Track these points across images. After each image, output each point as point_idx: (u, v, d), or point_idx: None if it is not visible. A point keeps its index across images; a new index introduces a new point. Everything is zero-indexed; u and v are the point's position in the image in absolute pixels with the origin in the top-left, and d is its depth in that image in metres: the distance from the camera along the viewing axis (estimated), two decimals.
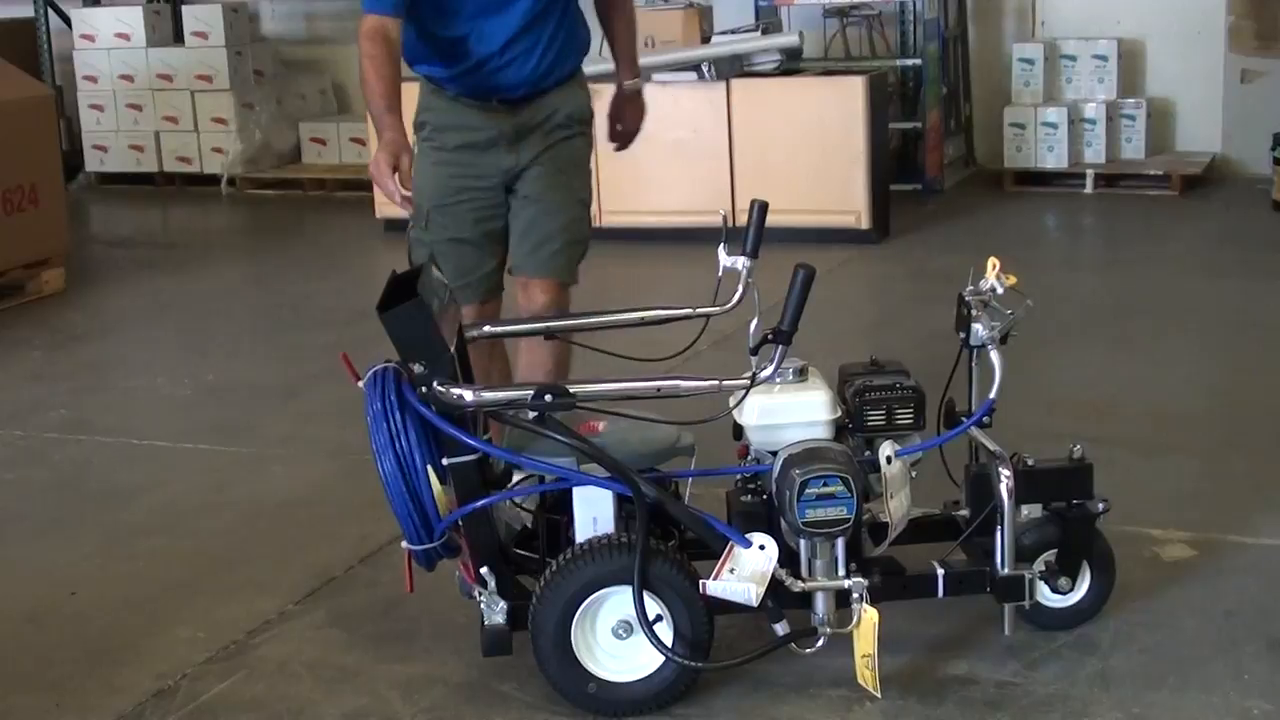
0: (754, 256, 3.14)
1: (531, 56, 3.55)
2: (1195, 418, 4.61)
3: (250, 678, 3.16)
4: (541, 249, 3.60)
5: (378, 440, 2.87)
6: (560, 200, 3.64)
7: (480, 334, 3.33)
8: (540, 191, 3.62)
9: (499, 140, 3.59)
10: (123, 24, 9.60)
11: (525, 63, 3.55)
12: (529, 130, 3.61)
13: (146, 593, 3.61)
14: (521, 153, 3.61)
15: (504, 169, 3.61)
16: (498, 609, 2.90)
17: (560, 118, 3.65)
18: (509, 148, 3.60)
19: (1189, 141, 8.58)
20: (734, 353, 3.35)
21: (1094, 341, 5.51)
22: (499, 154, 3.59)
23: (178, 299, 6.89)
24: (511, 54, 3.53)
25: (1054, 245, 7.69)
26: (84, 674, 3.22)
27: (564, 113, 3.66)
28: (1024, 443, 3.14)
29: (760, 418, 2.95)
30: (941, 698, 2.92)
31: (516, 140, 3.60)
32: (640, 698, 2.90)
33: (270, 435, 4.72)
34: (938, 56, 8.28)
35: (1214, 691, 2.90)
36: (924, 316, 5.39)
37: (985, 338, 2.98)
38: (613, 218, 7.45)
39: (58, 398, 5.30)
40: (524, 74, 3.56)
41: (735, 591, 2.80)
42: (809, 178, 7.09)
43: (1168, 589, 3.34)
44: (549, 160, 3.64)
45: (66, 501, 4.30)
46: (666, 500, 2.90)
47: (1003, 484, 2.95)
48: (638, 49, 3.93)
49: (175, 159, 9.67)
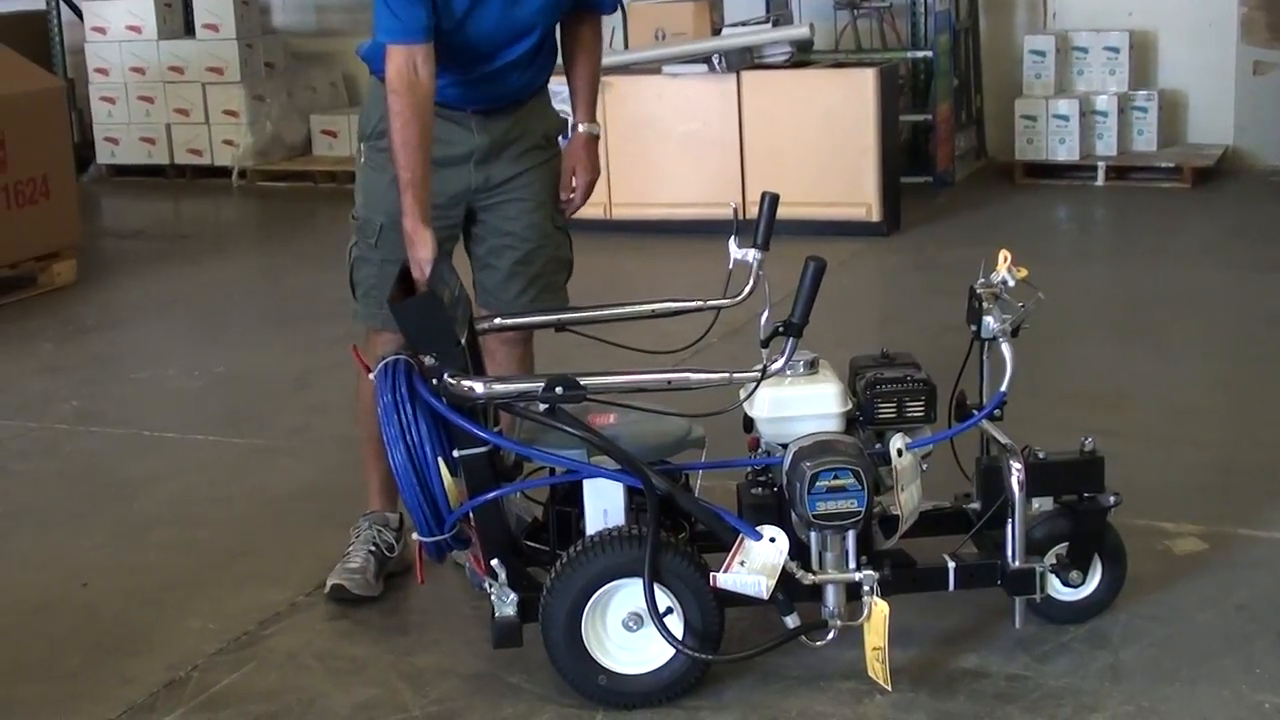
0: (765, 249, 3.14)
1: (525, 71, 3.31)
2: (1207, 410, 4.60)
3: (261, 669, 3.17)
4: (531, 292, 3.41)
5: (388, 432, 2.87)
6: (550, 239, 3.43)
7: (492, 326, 3.33)
8: (525, 230, 3.41)
9: (470, 157, 3.32)
10: (134, 16, 9.59)
11: (518, 77, 3.31)
12: (503, 146, 3.34)
13: (157, 584, 3.62)
14: (492, 171, 3.35)
15: (470, 187, 3.34)
16: (508, 601, 2.90)
17: (538, 137, 3.41)
18: (479, 166, 3.33)
19: (1201, 134, 8.55)
20: (745, 345, 3.35)
21: (1105, 334, 5.50)
22: (467, 172, 3.32)
23: (188, 291, 6.89)
24: (507, 69, 3.28)
25: (1065, 238, 7.67)
26: (95, 664, 3.23)
27: (540, 132, 3.41)
28: (1035, 435, 3.13)
29: (771, 410, 2.94)
30: (952, 691, 2.92)
31: (488, 157, 3.34)
32: (650, 690, 2.90)
33: (281, 427, 4.72)
34: (948, 48, 8.26)
35: (1225, 685, 2.90)
36: (935, 309, 5.38)
37: (996, 330, 2.97)
38: (623, 210, 7.46)
39: (69, 389, 5.31)
40: (511, 86, 3.32)
41: (745, 584, 2.80)
42: (819, 170, 7.08)
43: (1179, 582, 3.34)
44: (529, 192, 3.39)
45: (77, 493, 4.31)
46: (677, 492, 2.90)
47: (1014, 477, 2.95)
48: (596, 97, 3.51)
49: (186, 151, 9.67)
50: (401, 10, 3.07)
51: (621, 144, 7.40)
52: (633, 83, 7.42)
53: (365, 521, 3.52)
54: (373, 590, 3.42)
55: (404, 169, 3.07)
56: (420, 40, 3.07)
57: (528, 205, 3.40)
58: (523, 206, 3.40)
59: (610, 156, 7.44)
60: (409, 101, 3.06)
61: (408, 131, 3.06)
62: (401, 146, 3.07)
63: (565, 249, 3.53)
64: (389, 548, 3.48)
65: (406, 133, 3.06)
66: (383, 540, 3.48)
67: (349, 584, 3.39)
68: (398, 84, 3.07)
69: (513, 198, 3.39)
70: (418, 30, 3.07)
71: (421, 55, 3.07)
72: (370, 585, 3.42)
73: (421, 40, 3.07)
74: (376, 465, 3.51)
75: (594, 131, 3.49)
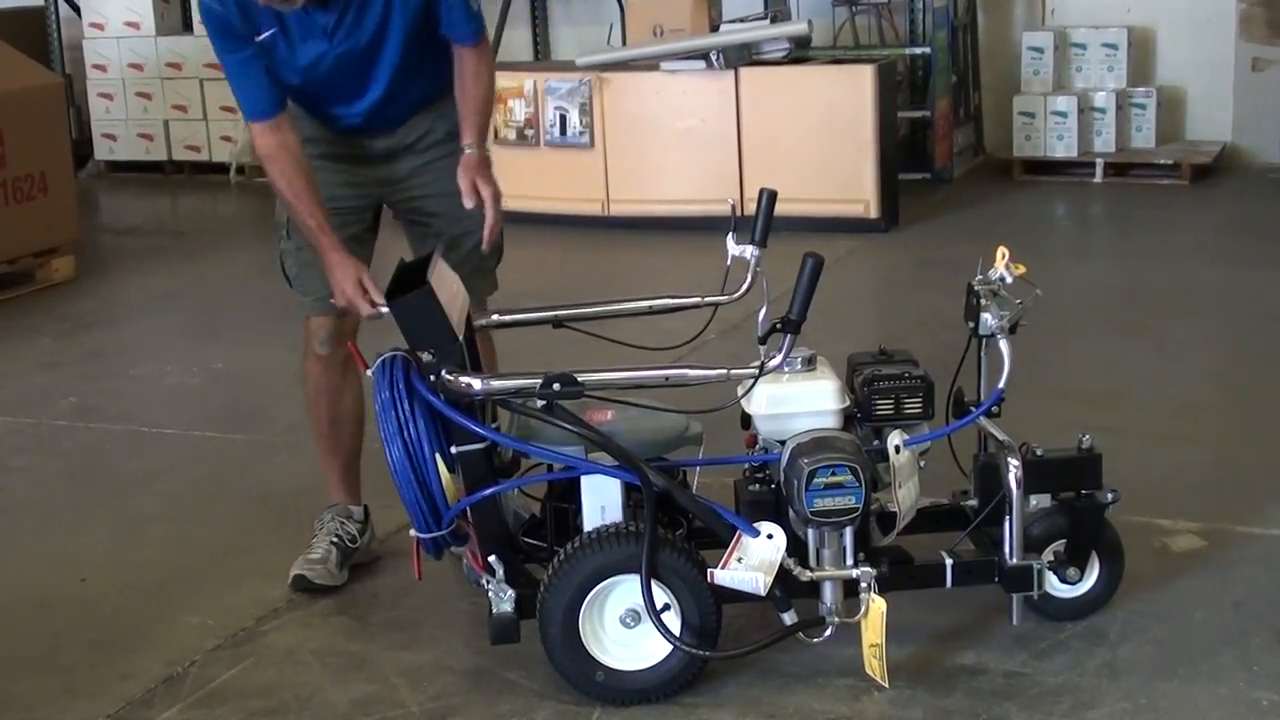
0: (762, 245, 3.14)
1: (403, 97, 3.35)
2: (1205, 408, 4.60)
3: (259, 665, 3.17)
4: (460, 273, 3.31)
5: (386, 428, 2.87)
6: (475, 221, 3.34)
7: (488, 322, 3.34)
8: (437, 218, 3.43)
9: (372, 159, 3.42)
10: (132, 12, 9.59)
11: (396, 107, 3.36)
12: (405, 148, 3.42)
13: (156, 579, 3.62)
14: (397, 166, 3.43)
15: (377, 179, 3.43)
16: (505, 597, 2.90)
17: (440, 134, 3.43)
18: (383, 162, 3.43)
19: (1199, 130, 8.55)
20: (742, 342, 3.35)
21: (1103, 331, 5.50)
22: (372, 167, 3.42)
23: (187, 287, 6.89)
24: (383, 103, 3.33)
25: (1063, 234, 7.67)
26: (94, 660, 3.23)
27: (443, 130, 3.42)
28: (1032, 432, 3.13)
29: (768, 407, 2.94)
30: (950, 688, 2.92)
31: (390, 158, 3.43)
32: (648, 686, 2.90)
33: (279, 423, 4.72)
34: (947, 45, 8.26)
35: (1223, 682, 2.90)
36: (932, 306, 5.39)
37: (994, 327, 2.97)
38: (621, 206, 7.46)
39: (67, 385, 5.31)
40: (394, 113, 3.37)
41: (743, 580, 2.80)
42: (817, 166, 7.08)
43: (1177, 580, 3.34)
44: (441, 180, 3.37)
45: (76, 489, 4.31)
46: (674, 489, 2.90)
47: (1011, 474, 2.95)
48: (487, 121, 3.39)
49: (184, 147, 9.67)
50: (245, 96, 3.24)
51: (619, 140, 7.41)
52: (631, 79, 7.42)
53: (329, 514, 3.58)
54: (335, 580, 3.47)
55: (305, 219, 3.23)
56: (272, 114, 3.23)
57: (441, 192, 3.40)
58: (437, 194, 3.42)
59: (608, 153, 7.45)
60: (284, 163, 3.22)
61: (294, 186, 3.22)
62: (294, 199, 3.23)
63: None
64: (351, 539, 3.54)
65: (294, 187, 3.22)
66: (345, 532, 3.54)
67: (310, 574, 3.45)
68: (268, 152, 3.24)
69: (429, 193, 3.44)
70: (266, 106, 3.23)
71: (279, 123, 3.23)
72: (332, 575, 3.47)
73: (273, 113, 3.23)
74: (333, 459, 3.61)
75: (481, 154, 3.33)
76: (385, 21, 3.21)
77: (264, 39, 3.17)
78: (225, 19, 3.16)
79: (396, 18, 3.21)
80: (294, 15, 3.14)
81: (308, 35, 3.18)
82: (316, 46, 3.20)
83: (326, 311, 3.40)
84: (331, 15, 3.16)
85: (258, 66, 3.20)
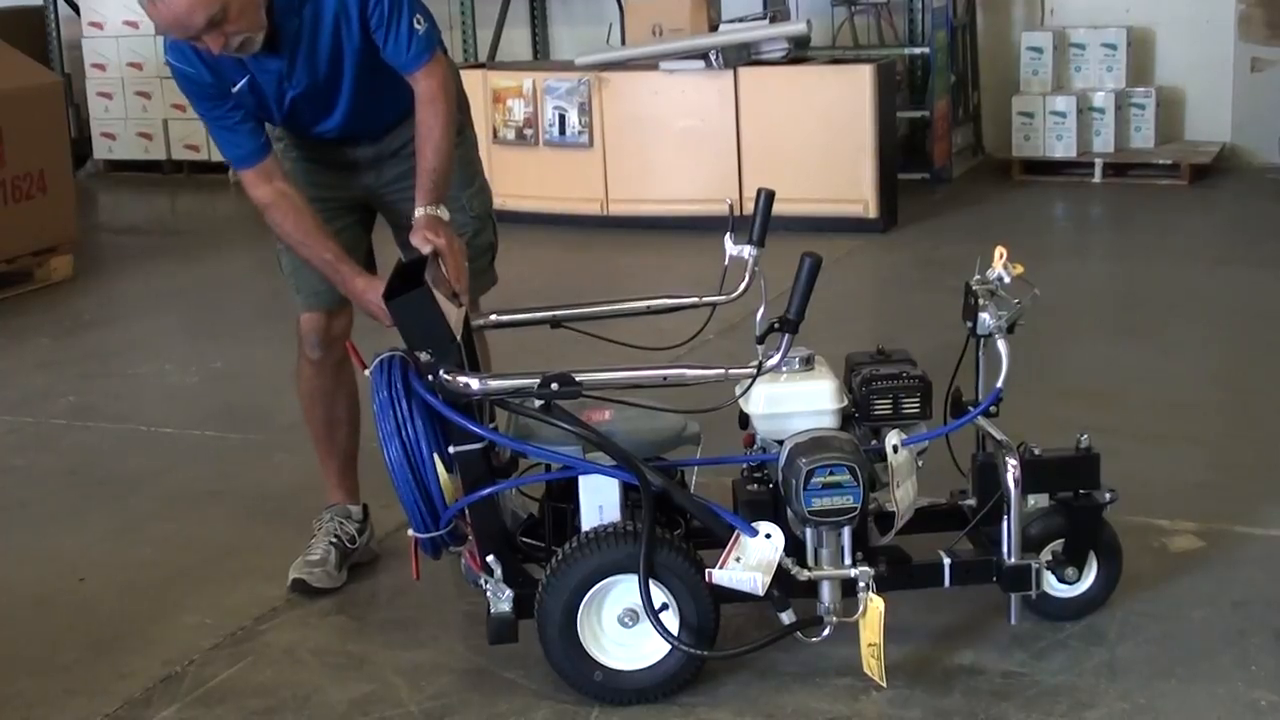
0: (761, 245, 3.14)
1: (376, 121, 3.35)
2: (1203, 407, 4.60)
3: (257, 664, 3.17)
4: None
5: (384, 428, 2.87)
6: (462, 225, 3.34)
7: (487, 322, 3.33)
8: None
9: (357, 165, 3.42)
10: (131, 11, 9.56)
11: (377, 117, 3.34)
12: (388, 155, 3.41)
13: (154, 579, 3.62)
14: (383, 170, 3.42)
15: (364, 184, 3.44)
16: (504, 597, 2.90)
17: None
18: (369, 167, 3.42)
19: (1198, 131, 8.55)
20: (740, 341, 3.35)
21: (1101, 331, 5.50)
22: (358, 172, 3.42)
23: (185, 286, 6.89)
24: (359, 115, 3.31)
25: (1062, 234, 7.67)
26: (92, 659, 3.23)
27: None
28: (1031, 432, 3.13)
29: (766, 406, 2.94)
30: (948, 687, 2.92)
31: (375, 164, 3.42)
32: (646, 686, 2.90)
33: (278, 422, 4.71)
34: (946, 45, 8.26)
35: (1221, 683, 2.90)
36: (931, 305, 5.38)
37: (992, 327, 2.97)
38: (619, 206, 7.46)
39: (66, 385, 5.30)
40: (379, 123, 3.36)
41: (741, 580, 2.80)
42: (816, 166, 7.08)
43: (1175, 579, 3.34)
44: None
45: (74, 488, 4.31)
46: (672, 489, 2.90)
47: (1009, 473, 2.95)
48: (442, 179, 3.17)
49: (183, 147, 9.67)
50: (230, 148, 3.23)
51: (618, 140, 7.41)
52: (629, 79, 7.43)
53: (327, 514, 3.58)
54: (334, 582, 3.47)
55: (320, 255, 3.20)
56: (259, 159, 3.21)
57: None
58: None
59: (607, 153, 7.45)
60: (284, 208, 3.20)
61: (302, 226, 3.20)
62: (305, 239, 3.21)
63: (486, 234, 3.53)
64: (350, 539, 3.54)
65: (301, 227, 3.20)
66: (344, 532, 3.54)
67: (309, 577, 3.44)
68: (266, 201, 3.21)
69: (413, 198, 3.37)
70: (251, 154, 3.21)
71: (268, 168, 3.21)
72: (331, 577, 3.46)
73: (260, 158, 3.21)
74: (330, 460, 3.61)
75: (430, 215, 3.10)
76: (337, 55, 3.18)
77: (239, 89, 3.17)
78: (197, 80, 3.17)
79: (346, 50, 3.18)
80: (252, 61, 3.13)
81: (268, 79, 3.18)
82: (279, 88, 3.20)
83: (317, 307, 3.42)
84: (282, 60, 3.15)
85: (237, 118, 3.20)
